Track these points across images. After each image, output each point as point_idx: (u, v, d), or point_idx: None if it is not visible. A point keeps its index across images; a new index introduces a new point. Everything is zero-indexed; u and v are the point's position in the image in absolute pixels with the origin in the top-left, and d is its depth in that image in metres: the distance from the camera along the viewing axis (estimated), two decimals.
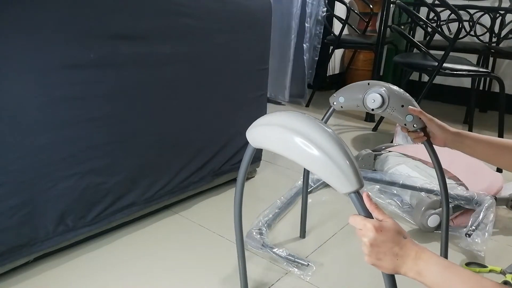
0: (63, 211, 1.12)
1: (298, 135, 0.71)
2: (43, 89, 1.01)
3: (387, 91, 0.97)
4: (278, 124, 0.75)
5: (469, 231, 1.28)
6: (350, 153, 0.70)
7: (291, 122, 0.74)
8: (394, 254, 0.64)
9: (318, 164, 0.69)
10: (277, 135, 0.75)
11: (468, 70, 2.03)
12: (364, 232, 0.66)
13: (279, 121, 0.76)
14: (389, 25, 2.63)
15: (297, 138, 0.71)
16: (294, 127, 0.72)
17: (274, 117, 0.78)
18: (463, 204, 1.41)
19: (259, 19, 1.55)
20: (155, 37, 1.21)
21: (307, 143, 0.70)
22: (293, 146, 0.72)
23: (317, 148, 0.69)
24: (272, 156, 1.99)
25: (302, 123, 0.72)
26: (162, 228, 1.37)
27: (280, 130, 0.74)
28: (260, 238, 1.26)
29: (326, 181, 0.70)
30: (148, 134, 1.28)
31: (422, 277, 0.62)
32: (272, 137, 0.77)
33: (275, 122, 0.77)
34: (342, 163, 0.67)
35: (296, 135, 0.72)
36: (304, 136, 0.70)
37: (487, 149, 0.92)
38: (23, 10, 0.94)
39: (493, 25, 2.93)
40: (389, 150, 1.83)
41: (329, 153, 0.68)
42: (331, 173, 0.68)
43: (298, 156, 0.72)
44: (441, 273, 0.61)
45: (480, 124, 2.73)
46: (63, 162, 1.09)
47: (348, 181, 0.67)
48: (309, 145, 0.70)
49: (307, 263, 1.18)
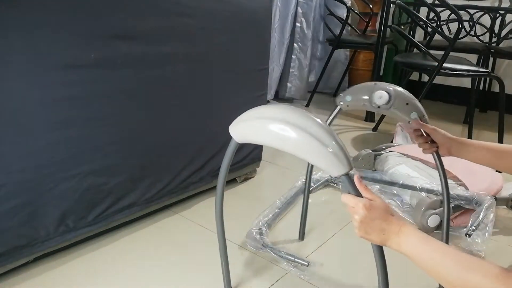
0: (64, 212, 1.12)
1: (287, 124, 0.73)
2: (43, 89, 1.01)
3: (393, 90, 1.01)
4: (265, 116, 0.77)
5: (469, 231, 1.28)
6: (338, 138, 0.73)
7: (277, 112, 0.76)
8: (381, 229, 0.71)
9: (310, 149, 0.72)
10: (265, 126, 0.76)
11: (468, 70, 2.03)
12: (356, 210, 0.72)
13: (265, 113, 0.78)
14: (389, 25, 2.63)
15: (286, 126, 0.73)
16: (281, 116, 0.75)
17: (259, 110, 0.80)
18: (463, 204, 1.41)
19: (259, 19, 1.55)
20: (155, 37, 1.21)
21: (297, 129, 0.72)
22: (283, 134, 0.74)
23: (307, 133, 0.72)
24: (272, 156, 1.99)
25: (289, 112, 0.75)
26: (162, 228, 1.37)
27: (268, 121, 0.76)
28: (260, 238, 1.26)
29: (319, 166, 0.74)
30: (148, 134, 1.28)
31: (401, 248, 0.70)
32: (260, 129, 0.78)
33: (261, 114, 0.78)
34: (334, 147, 0.71)
35: (285, 123, 0.73)
36: (293, 124, 0.73)
37: (488, 154, 0.97)
38: (23, 10, 0.94)
39: (493, 25, 2.93)
40: (389, 150, 1.83)
41: (320, 138, 0.72)
42: (324, 157, 0.72)
43: (289, 144, 0.74)
44: (419, 244, 0.68)
45: (480, 124, 2.73)
46: (64, 163, 1.09)
47: (340, 163, 0.71)
48: (299, 132, 0.72)
49: (307, 263, 1.18)
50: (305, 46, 3.03)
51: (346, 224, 1.43)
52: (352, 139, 2.38)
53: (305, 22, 3.01)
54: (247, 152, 1.65)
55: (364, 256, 1.29)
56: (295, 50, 3.04)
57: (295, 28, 2.98)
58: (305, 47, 3.03)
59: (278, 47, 2.91)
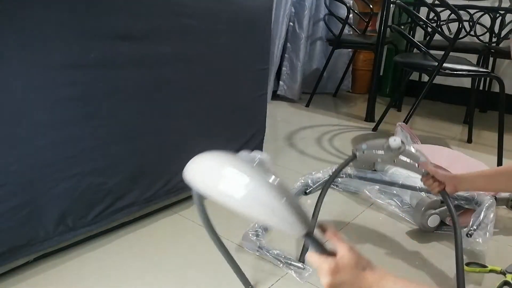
0: (63, 211, 1.12)
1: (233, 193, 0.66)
2: (43, 89, 1.01)
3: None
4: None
5: (470, 231, 1.28)
6: (290, 198, 0.65)
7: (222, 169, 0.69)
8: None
9: (265, 220, 0.66)
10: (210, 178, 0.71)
11: (468, 70, 2.03)
12: (322, 273, 0.65)
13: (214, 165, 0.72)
14: (389, 25, 2.64)
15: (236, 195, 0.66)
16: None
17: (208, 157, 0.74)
18: (463, 204, 1.41)
19: (259, 19, 1.55)
20: (155, 37, 1.21)
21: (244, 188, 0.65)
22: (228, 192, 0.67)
23: (260, 207, 0.64)
24: (272, 156, 1.99)
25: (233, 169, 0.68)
26: (162, 228, 1.37)
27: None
28: (256, 240, 1.25)
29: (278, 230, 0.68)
30: (148, 134, 1.28)
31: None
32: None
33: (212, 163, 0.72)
34: (285, 214, 0.64)
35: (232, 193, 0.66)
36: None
37: (483, 181, 1.10)
38: (23, 10, 0.94)
39: (493, 25, 2.93)
40: None
41: (271, 207, 0.64)
42: (279, 224, 0.65)
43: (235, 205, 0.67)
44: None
45: (480, 124, 2.73)
46: (64, 163, 1.09)
47: (295, 228, 0.65)
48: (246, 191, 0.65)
49: (303, 266, 1.17)
50: (297, 45, 3.03)
51: (346, 225, 1.43)
52: (352, 139, 2.38)
53: (297, 22, 3.01)
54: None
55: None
56: (288, 49, 3.05)
57: (288, 28, 2.99)
58: (297, 47, 3.03)
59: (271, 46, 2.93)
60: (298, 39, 3.01)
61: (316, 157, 2.06)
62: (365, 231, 1.41)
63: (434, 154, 1.77)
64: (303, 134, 2.42)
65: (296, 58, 3.04)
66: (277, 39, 2.90)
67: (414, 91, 3.13)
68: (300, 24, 3.00)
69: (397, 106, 3.03)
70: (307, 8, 2.99)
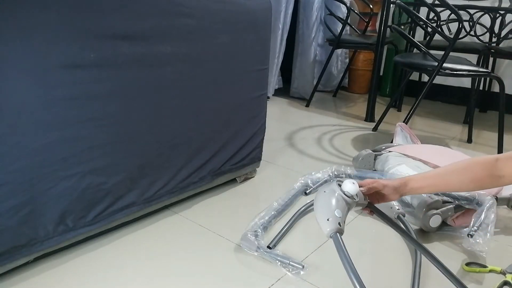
0: (63, 211, 1.12)
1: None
2: (43, 89, 1.00)
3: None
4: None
5: (471, 232, 1.28)
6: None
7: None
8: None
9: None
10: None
11: (468, 70, 2.03)
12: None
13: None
14: (389, 25, 2.63)
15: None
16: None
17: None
18: (464, 204, 1.41)
19: (259, 19, 1.55)
20: (155, 37, 1.21)
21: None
22: None
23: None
24: (272, 156, 1.99)
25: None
26: (162, 228, 1.37)
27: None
28: (255, 240, 1.25)
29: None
30: (148, 134, 1.28)
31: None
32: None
33: None
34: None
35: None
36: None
37: (434, 179, 0.97)
38: (23, 10, 0.94)
39: (493, 25, 2.92)
40: (389, 150, 1.83)
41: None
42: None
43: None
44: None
45: (480, 124, 2.73)
46: (63, 162, 1.09)
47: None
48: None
49: (302, 266, 1.17)
50: (306, 45, 3.06)
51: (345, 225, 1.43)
52: (352, 139, 2.38)
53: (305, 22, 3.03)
54: (247, 152, 1.65)
55: (364, 256, 1.29)
56: (298, 49, 3.10)
57: (297, 28, 3.02)
58: (307, 47, 3.07)
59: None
60: (307, 39, 3.07)
61: (316, 157, 2.06)
62: (365, 231, 1.41)
63: (434, 154, 1.77)
64: (303, 134, 2.42)
65: (306, 58, 3.10)
66: (279, 34, 2.92)
67: (414, 91, 3.13)
68: (307, 25, 3.04)
69: (397, 106, 3.03)
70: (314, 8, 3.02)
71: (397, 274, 1.20)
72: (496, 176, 0.86)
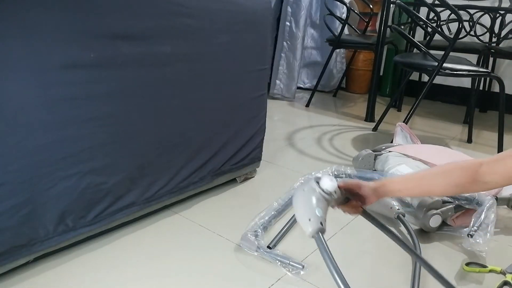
0: (63, 211, 1.12)
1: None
2: (43, 89, 1.00)
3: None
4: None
5: (471, 232, 1.28)
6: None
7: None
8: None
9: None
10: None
11: (468, 70, 2.03)
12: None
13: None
14: (389, 25, 2.63)
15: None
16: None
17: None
18: (464, 204, 1.41)
19: (259, 19, 1.55)
20: (155, 37, 1.21)
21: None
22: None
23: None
24: (272, 156, 1.99)
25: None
26: (162, 228, 1.37)
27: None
28: (255, 240, 1.25)
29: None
30: (148, 134, 1.28)
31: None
32: None
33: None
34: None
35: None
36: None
37: (415, 182, 0.91)
38: (23, 10, 0.94)
39: (493, 25, 2.92)
40: (389, 150, 1.83)
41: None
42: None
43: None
44: None
45: (480, 124, 2.73)
46: (63, 162, 1.08)
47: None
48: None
49: (302, 266, 1.17)
50: (293, 45, 3.05)
51: (346, 225, 1.43)
52: (352, 139, 2.38)
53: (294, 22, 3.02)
54: (247, 152, 1.65)
55: (364, 256, 1.29)
56: (285, 48, 3.06)
57: (285, 27, 2.99)
58: (294, 46, 3.05)
59: None
60: (295, 39, 3.03)
61: (316, 157, 2.06)
62: (365, 231, 1.41)
63: (434, 154, 1.77)
64: (303, 134, 2.42)
65: (293, 57, 3.06)
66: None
67: (414, 91, 3.13)
68: (296, 24, 3.02)
69: (397, 106, 3.03)
70: (303, 8, 3.00)
71: (397, 274, 1.20)
72: (481, 182, 0.82)
